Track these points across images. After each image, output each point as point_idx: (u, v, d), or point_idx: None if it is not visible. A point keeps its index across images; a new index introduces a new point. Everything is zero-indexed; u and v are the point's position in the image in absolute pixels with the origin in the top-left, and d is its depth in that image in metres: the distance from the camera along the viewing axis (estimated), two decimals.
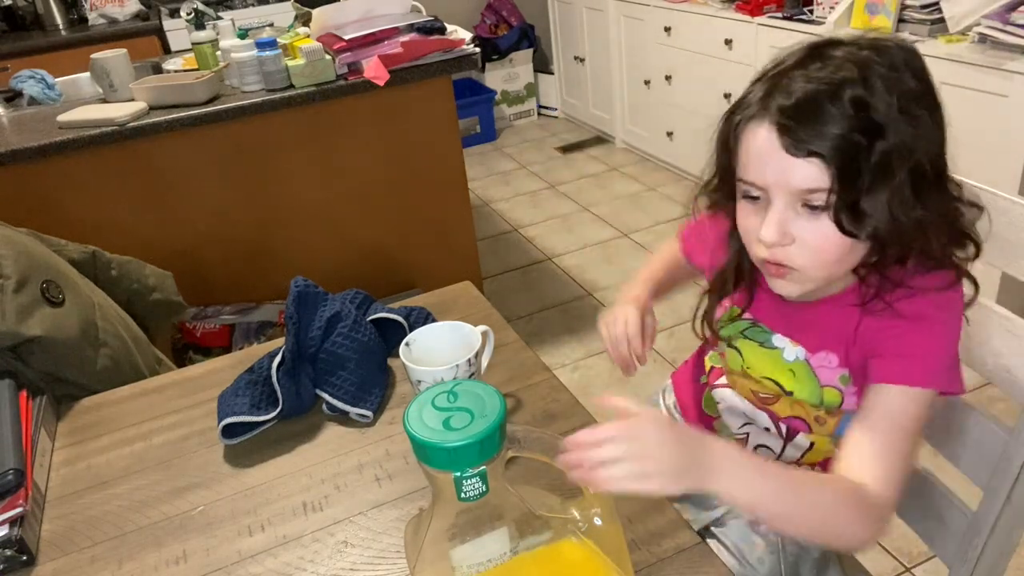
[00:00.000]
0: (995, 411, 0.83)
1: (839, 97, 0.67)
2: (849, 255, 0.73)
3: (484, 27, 4.37)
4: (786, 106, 0.69)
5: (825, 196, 0.68)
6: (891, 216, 0.69)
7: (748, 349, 0.88)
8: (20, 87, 2.27)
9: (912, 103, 0.70)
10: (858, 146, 0.67)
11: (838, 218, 0.69)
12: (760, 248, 0.74)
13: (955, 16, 2.16)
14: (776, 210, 0.71)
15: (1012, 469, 0.79)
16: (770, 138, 0.70)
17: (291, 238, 2.16)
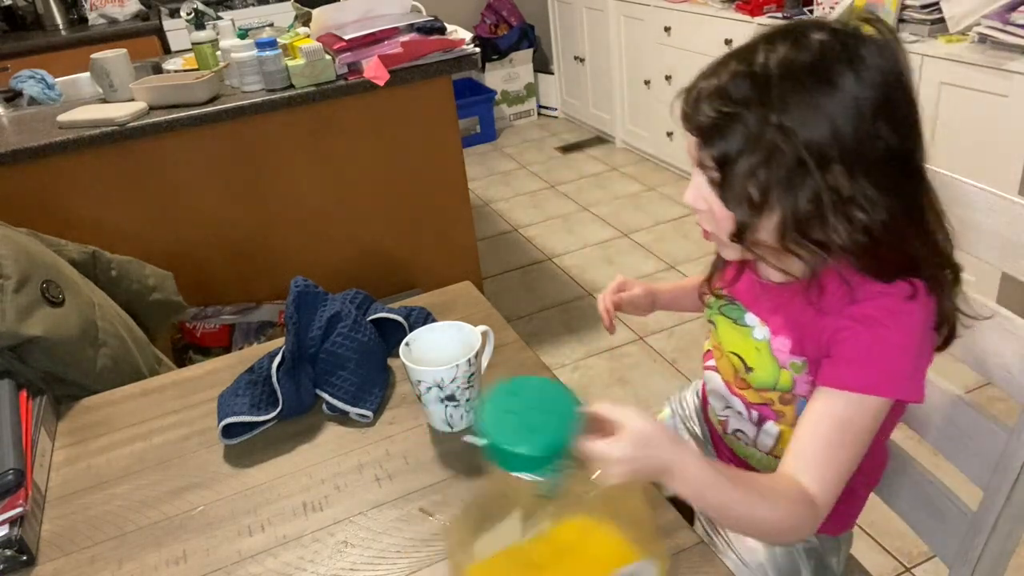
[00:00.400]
0: (995, 411, 0.83)
1: (726, 91, 0.72)
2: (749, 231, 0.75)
3: (484, 27, 4.37)
4: (690, 99, 0.76)
5: (714, 172, 0.74)
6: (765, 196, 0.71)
7: (723, 325, 0.91)
8: (20, 87, 2.27)
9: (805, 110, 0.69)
10: (729, 136, 0.71)
11: (722, 193, 0.74)
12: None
13: (955, 16, 2.16)
14: (693, 179, 0.78)
15: (1012, 469, 0.79)
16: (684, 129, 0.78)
17: (291, 238, 2.16)
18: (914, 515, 0.94)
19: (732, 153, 0.71)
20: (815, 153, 0.69)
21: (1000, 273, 2.11)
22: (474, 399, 0.94)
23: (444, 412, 0.93)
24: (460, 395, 0.92)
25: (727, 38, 2.96)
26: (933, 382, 0.90)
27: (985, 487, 0.83)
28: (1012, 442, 0.79)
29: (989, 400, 0.89)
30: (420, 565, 0.77)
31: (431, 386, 0.90)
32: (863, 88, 0.68)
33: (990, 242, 0.81)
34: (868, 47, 0.69)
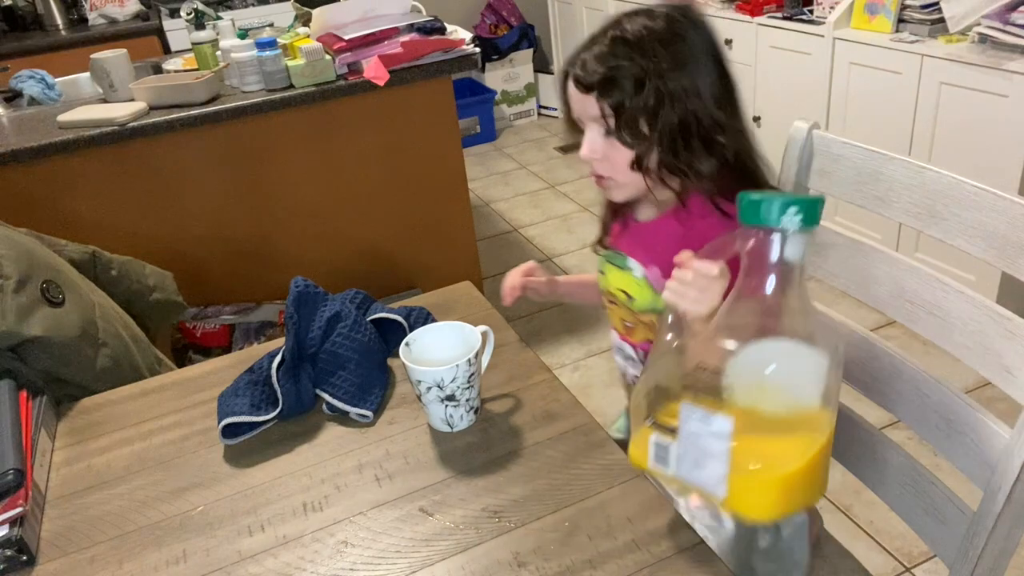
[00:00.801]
0: (995, 411, 0.83)
1: (607, 55, 0.90)
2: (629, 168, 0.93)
3: (484, 27, 4.37)
4: (577, 61, 0.93)
5: (609, 120, 0.91)
6: (659, 131, 0.90)
7: (610, 270, 1.07)
8: (20, 87, 2.27)
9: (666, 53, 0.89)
10: (624, 83, 0.89)
11: (619, 134, 0.92)
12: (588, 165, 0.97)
13: (955, 16, 2.16)
14: (587, 133, 0.95)
15: (1012, 469, 0.79)
16: (573, 87, 0.94)
17: (291, 238, 2.16)
18: (914, 515, 0.94)
19: (625, 98, 0.89)
20: (682, 90, 0.89)
21: (1000, 273, 2.11)
22: (474, 399, 0.94)
23: (444, 412, 0.93)
24: (460, 395, 0.92)
25: (727, 38, 2.96)
26: (934, 382, 0.90)
27: (985, 487, 0.83)
28: (1012, 442, 0.79)
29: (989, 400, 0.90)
30: (420, 565, 0.77)
31: (431, 386, 0.90)
32: (703, 41, 0.92)
33: (990, 242, 0.81)
34: (696, 16, 0.93)
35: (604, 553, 0.76)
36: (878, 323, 2.14)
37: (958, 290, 0.86)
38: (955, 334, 0.86)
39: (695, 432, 0.67)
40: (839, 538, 1.10)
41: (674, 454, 0.69)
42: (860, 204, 0.97)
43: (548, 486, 0.85)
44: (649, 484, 0.84)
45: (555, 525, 0.79)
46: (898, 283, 0.93)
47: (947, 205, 0.85)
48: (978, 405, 0.85)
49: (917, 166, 0.88)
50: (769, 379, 0.67)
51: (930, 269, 0.89)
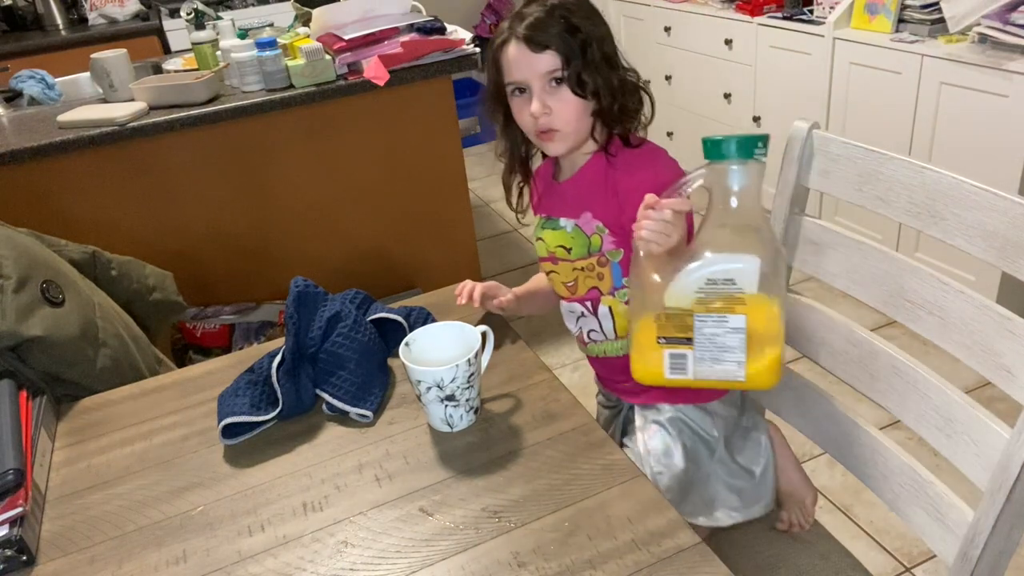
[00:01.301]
0: (995, 411, 0.83)
1: (552, 14, 1.02)
2: (584, 112, 1.04)
3: (484, 27, 4.37)
4: (524, 25, 1.02)
5: (560, 73, 1.01)
6: (599, 79, 1.02)
7: (546, 235, 1.15)
8: (20, 87, 2.27)
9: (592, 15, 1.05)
10: (570, 39, 1.01)
11: (571, 85, 1.02)
12: (532, 123, 1.04)
13: (955, 16, 2.16)
14: (536, 91, 1.03)
15: (1012, 469, 0.79)
16: (519, 48, 1.03)
17: (291, 238, 2.16)
18: (914, 515, 0.94)
19: (575, 52, 1.01)
20: (611, 44, 1.05)
21: (1000, 273, 2.11)
22: (474, 399, 0.94)
23: (444, 412, 0.93)
24: (460, 395, 0.92)
25: (727, 38, 2.96)
26: (934, 382, 0.90)
27: (986, 487, 0.83)
28: (1013, 442, 0.79)
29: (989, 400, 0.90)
30: (420, 565, 0.77)
31: (431, 386, 0.90)
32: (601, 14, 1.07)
33: (990, 242, 0.81)
34: None
35: (604, 553, 0.76)
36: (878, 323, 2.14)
37: (958, 290, 0.86)
38: (955, 334, 0.86)
39: (713, 333, 0.84)
40: (839, 538, 1.10)
41: (691, 359, 0.85)
42: (860, 204, 0.97)
43: (548, 486, 0.85)
44: (649, 484, 0.84)
45: (555, 525, 0.80)
46: (898, 283, 0.93)
47: (947, 205, 0.85)
48: (978, 405, 0.85)
49: (917, 166, 0.88)
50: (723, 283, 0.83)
51: (930, 269, 0.89)
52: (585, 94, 1.03)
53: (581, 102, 1.03)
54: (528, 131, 1.08)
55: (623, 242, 1.07)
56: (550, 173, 1.18)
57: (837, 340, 1.04)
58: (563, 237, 1.12)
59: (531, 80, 1.03)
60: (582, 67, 1.02)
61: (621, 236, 1.07)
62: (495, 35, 1.08)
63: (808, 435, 1.12)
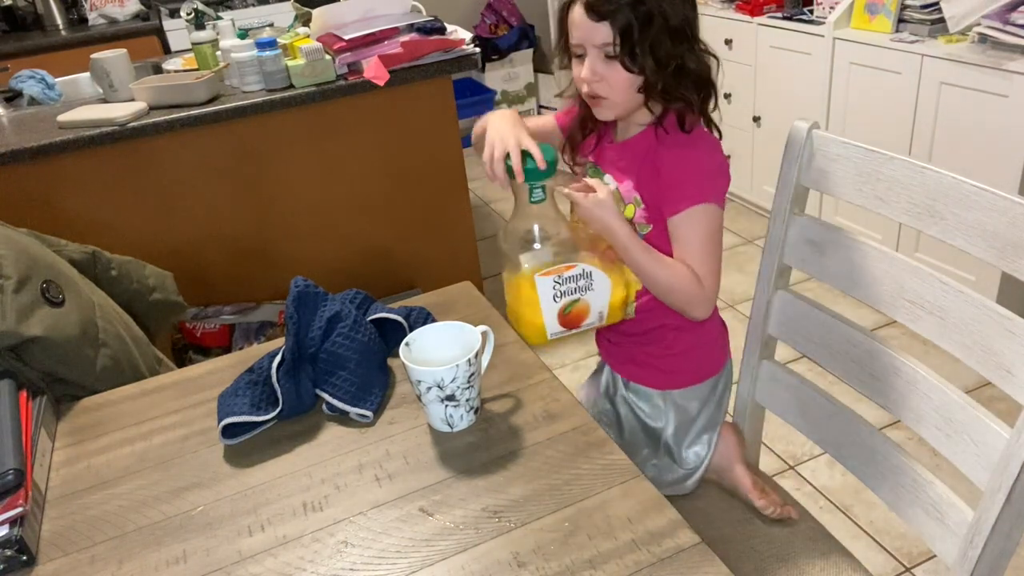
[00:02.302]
0: (995, 411, 0.84)
1: None
2: (634, 86, 1.04)
3: (484, 27, 4.37)
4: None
5: (612, 48, 1.02)
6: (650, 59, 1.02)
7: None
8: (20, 87, 2.27)
9: None
10: (631, 13, 1.00)
11: (622, 60, 1.02)
12: (584, 86, 1.07)
13: (955, 16, 2.16)
14: (589, 58, 1.05)
15: (1012, 469, 0.79)
16: (580, 13, 1.03)
17: (291, 238, 2.16)
18: (914, 515, 0.94)
19: (635, 27, 1.00)
20: (679, 21, 1.02)
21: (1000, 273, 2.11)
22: (474, 399, 0.94)
23: (444, 412, 0.93)
24: (460, 395, 0.92)
25: (727, 38, 2.96)
26: (934, 382, 0.90)
27: (985, 487, 0.83)
28: (1013, 442, 0.79)
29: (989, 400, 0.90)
30: (420, 565, 0.77)
31: (431, 386, 0.90)
32: None
33: (990, 242, 0.81)
34: None
35: (604, 553, 0.76)
36: (878, 323, 2.14)
37: (958, 290, 0.86)
38: (955, 334, 0.86)
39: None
40: (839, 538, 1.10)
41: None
42: (860, 204, 0.97)
43: (548, 486, 0.85)
44: (649, 484, 0.84)
45: (555, 525, 0.80)
46: (898, 283, 0.93)
47: (947, 205, 0.85)
48: (978, 405, 0.85)
49: (918, 166, 0.88)
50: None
51: (930, 269, 0.89)
52: (634, 69, 1.03)
53: (632, 76, 1.03)
54: (582, 92, 1.10)
55: (654, 217, 1.09)
56: (612, 129, 1.19)
57: (837, 340, 1.04)
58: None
59: (587, 47, 1.04)
60: (636, 43, 1.01)
61: (654, 212, 1.09)
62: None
63: (808, 435, 1.12)
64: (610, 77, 1.04)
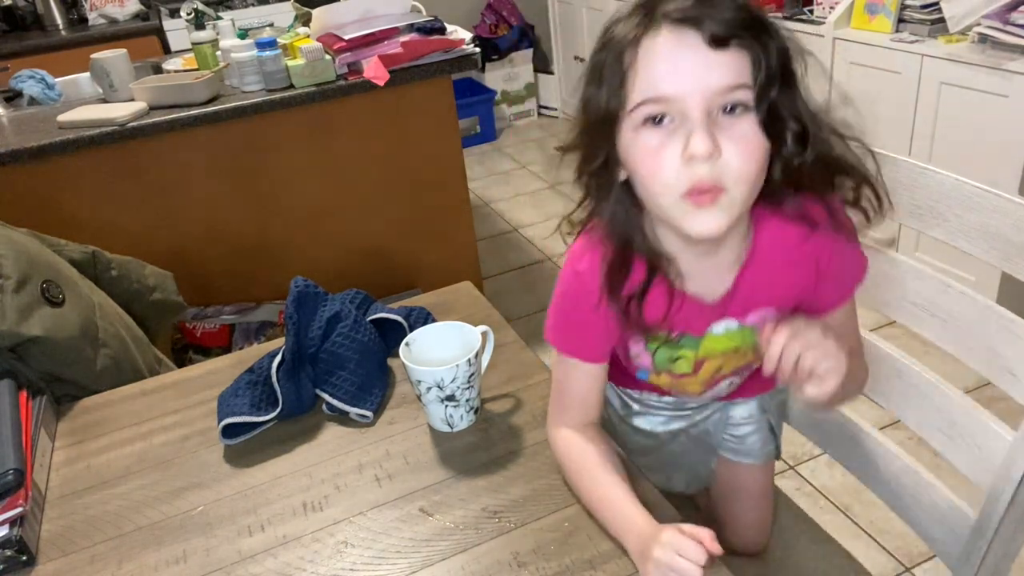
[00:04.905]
0: (995, 411, 0.83)
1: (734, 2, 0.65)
2: (763, 170, 0.69)
3: (484, 27, 4.37)
4: (687, 3, 0.64)
5: (748, 93, 0.65)
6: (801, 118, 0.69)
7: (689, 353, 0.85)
8: (20, 87, 2.27)
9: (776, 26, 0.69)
10: (767, 39, 0.66)
11: (762, 115, 0.66)
12: (683, 176, 0.66)
13: (955, 16, 2.16)
14: (699, 119, 0.65)
15: (1015, 472, 0.79)
16: (678, 39, 0.64)
17: (291, 238, 2.16)
18: (915, 516, 0.94)
19: (768, 63, 0.65)
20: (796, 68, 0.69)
21: (1000, 273, 2.11)
22: (474, 399, 0.94)
23: (444, 412, 0.93)
24: (460, 395, 0.92)
25: None
26: (935, 383, 0.90)
27: (988, 489, 0.83)
28: (1016, 444, 0.79)
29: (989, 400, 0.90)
30: (420, 565, 0.77)
31: (431, 386, 0.90)
32: None
33: (990, 242, 0.81)
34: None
35: (604, 553, 0.75)
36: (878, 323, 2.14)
37: (960, 291, 0.85)
38: (957, 335, 0.86)
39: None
40: (839, 538, 1.10)
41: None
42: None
43: (548, 486, 0.85)
44: (649, 484, 0.84)
45: (555, 525, 0.79)
46: (899, 283, 0.93)
47: (949, 206, 0.85)
48: (980, 407, 0.85)
49: (920, 167, 0.88)
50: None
51: (932, 270, 0.89)
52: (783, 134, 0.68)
53: (767, 148, 0.68)
54: (664, 188, 0.68)
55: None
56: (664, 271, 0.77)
57: None
58: (725, 342, 0.84)
59: (690, 100, 0.64)
60: (780, 89, 0.66)
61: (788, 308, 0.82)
62: (612, 22, 0.68)
63: (808, 435, 1.12)
64: (737, 148, 0.65)
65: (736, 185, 0.67)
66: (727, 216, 0.68)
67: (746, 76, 0.65)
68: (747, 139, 0.66)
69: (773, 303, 0.82)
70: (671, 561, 0.66)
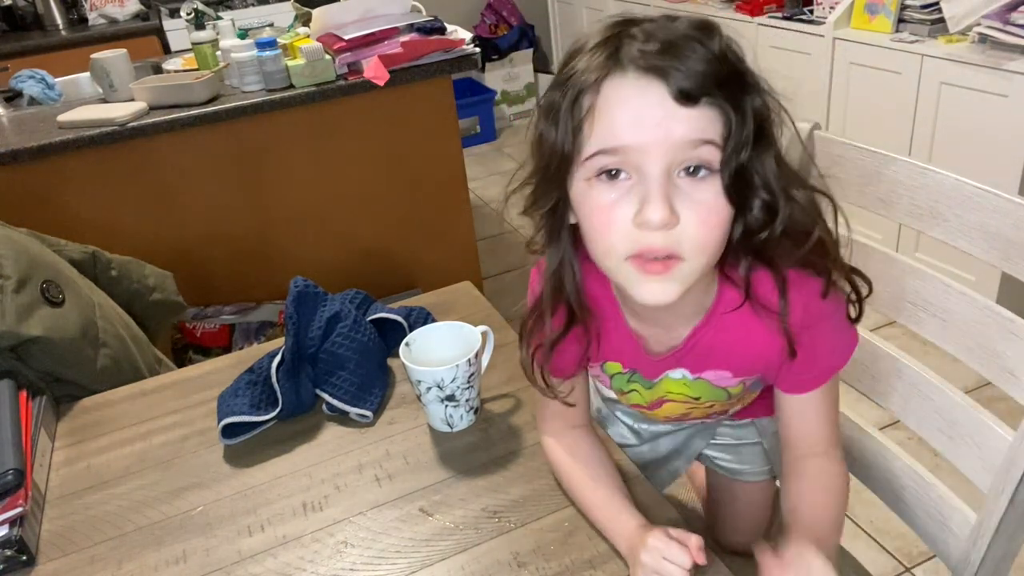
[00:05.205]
0: (995, 411, 0.83)
1: (711, 39, 0.59)
2: (724, 237, 0.63)
3: (484, 27, 4.37)
4: (655, 49, 0.58)
5: (715, 151, 0.59)
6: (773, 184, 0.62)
7: (638, 388, 0.85)
8: (20, 87, 2.27)
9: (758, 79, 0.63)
10: (741, 94, 0.60)
11: (727, 179, 0.59)
12: (632, 240, 0.61)
13: (955, 16, 2.15)
14: (657, 180, 0.59)
15: (1015, 472, 0.79)
16: (642, 89, 0.58)
17: (291, 238, 2.16)
18: (915, 516, 0.94)
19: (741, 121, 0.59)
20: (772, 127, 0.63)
21: (1000, 273, 2.11)
22: (474, 399, 0.94)
23: (444, 412, 0.93)
24: (460, 395, 0.91)
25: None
26: (936, 384, 0.90)
27: (988, 489, 0.83)
28: (1016, 445, 0.79)
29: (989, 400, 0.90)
30: (420, 565, 0.77)
31: (431, 386, 0.90)
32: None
33: (990, 242, 0.81)
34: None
35: (604, 553, 0.75)
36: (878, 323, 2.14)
37: (960, 291, 0.85)
38: (957, 335, 0.86)
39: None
40: None
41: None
42: (862, 205, 0.97)
43: (548, 486, 0.85)
44: (649, 484, 0.84)
45: (555, 525, 0.79)
46: (899, 283, 0.93)
47: (950, 206, 0.85)
48: (981, 407, 0.85)
49: (920, 167, 0.88)
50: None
51: (932, 270, 0.89)
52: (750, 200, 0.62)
53: (730, 215, 0.62)
54: (610, 249, 0.63)
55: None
56: (609, 296, 0.76)
57: None
58: (682, 387, 0.82)
59: (650, 154, 0.58)
60: (752, 151, 0.60)
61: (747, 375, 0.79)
62: (575, 50, 0.63)
63: None
64: (697, 214, 0.60)
65: (692, 256, 0.62)
66: (679, 286, 0.63)
67: (714, 133, 0.59)
68: (708, 206, 0.61)
69: (730, 368, 0.78)
70: (656, 565, 0.67)
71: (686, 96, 0.57)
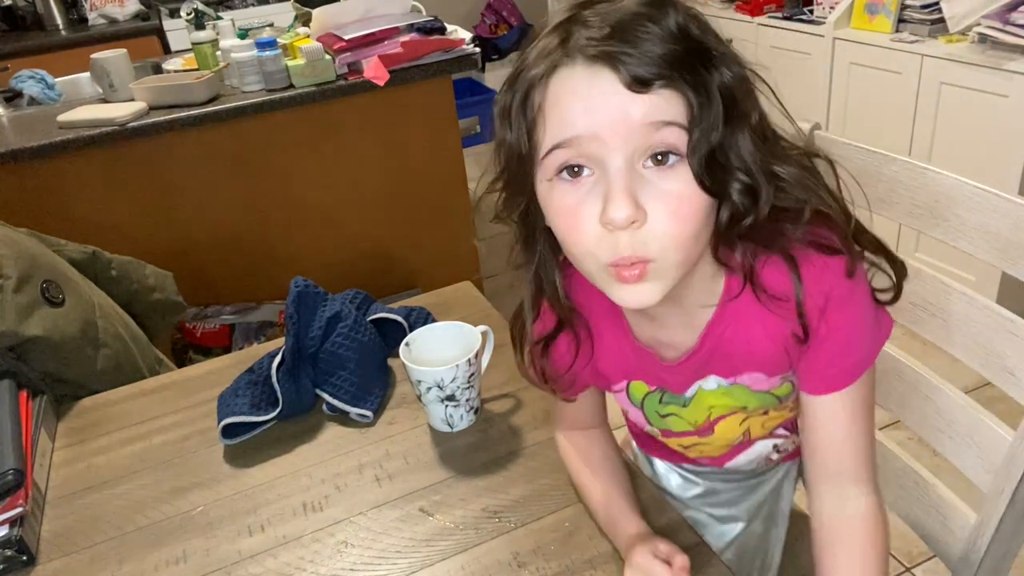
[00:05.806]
0: (995, 411, 0.83)
1: (664, 15, 0.54)
2: (704, 228, 0.58)
3: (484, 27, 4.37)
4: (603, 35, 0.53)
5: (680, 134, 0.54)
6: (751, 164, 0.57)
7: (680, 410, 0.78)
8: (20, 87, 2.27)
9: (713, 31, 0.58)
10: (702, 70, 0.54)
11: (696, 165, 0.54)
12: (604, 245, 0.57)
13: (955, 16, 2.15)
14: (618, 172, 0.54)
15: (1015, 472, 0.79)
16: (591, 77, 0.54)
17: (291, 238, 2.16)
18: (915, 516, 0.94)
19: (705, 100, 0.54)
20: (751, 101, 0.58)
21: (1000, 273, 2.11)
22: (474, 399, 0.94)
23: (444, 412, 0.93)
24: (460, 395, 0.91)
25: (727, 38, 2.95)
26: (936, 384, 0.90)
27: (988, 489, 0.83)
28: (1016, 445, 0.79)
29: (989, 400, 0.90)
30: (420, 565, 0.77)
31: (431, 386, 0.90)
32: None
33: (991, 242, 0.81)
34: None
35: (604, 553, 0.75)
36: None
37: (960, 291, 0.85)
38: (957, 335, 0.86)
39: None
40: None
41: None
42: (862, 206, 0.97)
43: (548, 486, 0.85)
44: (649, 484, 0.84)
45: (555, 525, 0.79)
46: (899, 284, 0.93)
47: (950, 207, 0.85)
48: (981, 408, 0.85)
49: (920, 167, 0.88)
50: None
51: (932, 271, 0.89)
52: (725, 187, 0.57)
53: (707, 204, 0.57)
54: (583, 254, 0.59)
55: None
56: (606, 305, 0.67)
57: None
58: (722, 398, 0.75)
59: (610, 146, 0.54)
60: (723, 131, 0.55)
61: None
62: (522, 58, 0.60)
63: None
64: (666, 206, 0.55)
65: (665, 253, 0.56)
66: (659, 284, 0.58)
67: (676, 114, 0.54)
68: (678, 196, 0.55)
69: (761, 367, 0.71)
70: None
71: (640, 82, 0.53)
